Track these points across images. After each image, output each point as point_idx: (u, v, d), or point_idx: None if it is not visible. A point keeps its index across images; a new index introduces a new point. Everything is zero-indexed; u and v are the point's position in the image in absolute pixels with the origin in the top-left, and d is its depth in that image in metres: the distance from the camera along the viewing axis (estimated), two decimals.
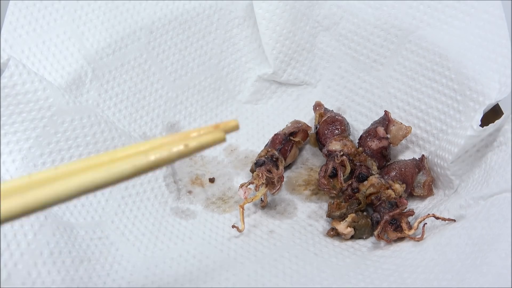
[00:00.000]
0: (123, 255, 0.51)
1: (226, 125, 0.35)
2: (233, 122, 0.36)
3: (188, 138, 0.34)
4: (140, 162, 0.33)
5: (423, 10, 0.61)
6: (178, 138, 0.34)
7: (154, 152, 0.33)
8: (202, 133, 0.35)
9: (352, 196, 0.56)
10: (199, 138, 0.34)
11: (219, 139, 0.35)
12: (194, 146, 0.34)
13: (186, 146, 0.34)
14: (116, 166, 0.33)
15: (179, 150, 0.34)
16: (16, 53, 0.56)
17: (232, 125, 0.36)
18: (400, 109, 0.63)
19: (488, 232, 0.44)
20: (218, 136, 0.35)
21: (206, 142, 0.34)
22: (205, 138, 0.35)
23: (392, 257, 0.49)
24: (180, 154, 0.34)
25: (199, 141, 0.34)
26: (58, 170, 0.32)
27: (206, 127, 0.35)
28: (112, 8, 0.62)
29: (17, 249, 0.44)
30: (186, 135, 0.35)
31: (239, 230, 0.54)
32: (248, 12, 0.70)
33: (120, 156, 0.33)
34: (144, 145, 0.34)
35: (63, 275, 0.46)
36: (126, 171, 0.33)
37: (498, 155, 0.51)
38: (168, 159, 0.34)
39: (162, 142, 0.34)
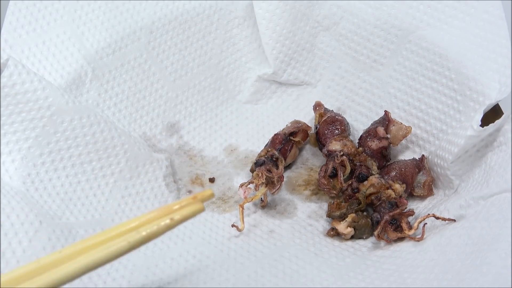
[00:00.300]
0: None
1: (202, 195, 0.41)
2: (208, 191, 0.41)
3: (171, 211, 0.40)
4: (133, 239, 0.39)
5: (423, 10, 0.61)
6: (163, 212, 0.40)
7: (145, 228, 0.39)
8: (184, 204, 0.40)
9: (352, 196, 0.56)
10: (182, 211, 0.40)
11: (199, 210, 0.40)
12: (178, 218, 0.40)
13: (171, 219, 0.39)
14: (113, 244, 0.38)
15: (166, 224, 0.39)
16: (16, 53, 0.56)
17: (208, 195, 0.41)
18: (400, 109, 0.63)
19: (488, 232, 0.44)
20: (198, 208, 0.40)
21: (188, 214, 0.40)
22: (187, 210, 0.40)
23: (392, 257, 0.49)
24: (167, 226, 0.39)
25: (182, 213, 0.40)
26: (62, 253, 0.37)
27: (186, 199, 0.41)
28: (112, 8, 0.62)
29: (13, 257, 0.44)
30: (170, 208, 0.40)
31: (238, 229, 0.54)
32: (248, 12, 0.70)
33: (114, 234, 0.39)
34: (134, 221, 0.40)
35: None
36: (123, 248, 0.38)
37: (498, 155, 0.51)
38: (157, 232, 0.39)
39: (149, 217, 0.40)
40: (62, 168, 0.53)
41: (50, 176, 0.52)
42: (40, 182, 0.51)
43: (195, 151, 0.65)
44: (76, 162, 0.54)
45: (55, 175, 0.52)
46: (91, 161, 0.54)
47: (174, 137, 0.65)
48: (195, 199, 0.41)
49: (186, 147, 0.65)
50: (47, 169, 0.52)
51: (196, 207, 0.40)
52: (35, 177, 0.51)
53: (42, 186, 0.51)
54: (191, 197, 0.41)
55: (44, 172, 0.52)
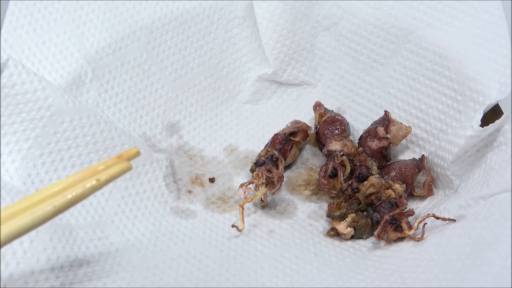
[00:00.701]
0: (123, 256, 0.51)
1: (128, 153, 0.39)
2: (133, 149, 0.40)
3: (97, 172, 0.39)
4: (59, 202, 0.37)
5: (423, 10, 0.61)
6: (87, 174, 0.38)
7: (70, 191, 0.37)
8: (109, 164, 0.38)
9: (352, 196, 0.56)
10: (108, 171, 0.38)
11: (126, 168, 0.39)
12: (105, 179, 0.38)
13: (98, 180, 0.38)
14: (38, 209, 0.36)
15: (92, 185, 0.38)
16: (16, 53, 0.56)
17: (133, 153, 0.39)
18: (400, 109, 0.63)
19: (488, 232, 0.44)
20: (125, 166, 0.39)
21: (115, 173, 0.38)
22: (113, 169, 0.38)
23: (392, 257, 0.49)
24: (94, 188, 0.38)
25: (108, 173, 0.38)
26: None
27: (111, 159, 0.39)
28: (112, 8, 0.62)
29: (13, 258, 0.44)
30: (95, 169, 0.38)
31: (238, 229, 0.54)
32: (248, 12, 0.70)
33: (39, 199, 0.37)
34: (58, 185, 0.38)
35: (62, 280, 0.46)
36: (49, 212, 0.36)
37: (498, 155, 0.51)
38: (83, 195, 0.37)
39: (74, 179, 0.38)
40: (62, 168, 0.53)
41: (50, 177, 0.52)
42: (40, 183, 0.51)
43: (195, 151, 0.65)
44: (76, 163, 0.54)
45: (55, 176, 0.52)
46: (91, 162, 0.54)
47: (174, 137, 0.65)
48: (120, 158, 0.39)
49: (186, 147, 0.65)
50: (47, 169, 0.52)
51: (122, 166, 0.39)
52: (35, 177, 0.51)
53: (42, 186, 0.51)
54: (116, 156, 0.39)
55: (44, 172, 0.52)
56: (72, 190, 0.37)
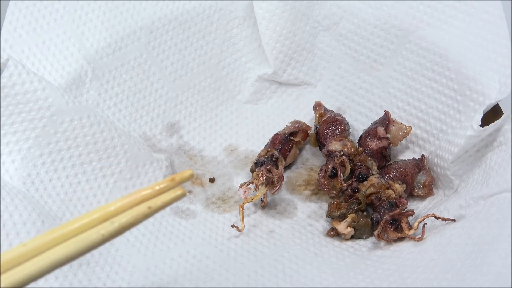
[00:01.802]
0: (123, 256, 0.51)
1: (181, 176, 0.36)
2: (187, 171, 0.36)
3: (148, 197, 0.35)
4: (107, 230, 0.33)
5: (423, 10, 0.61)
6: (140, 199, 0.34)
7: (119, 218, 0.33)
8: (162, 188, 0.35)
9: (352, 196, 0.56)
10: (161, 197, 0.35)
11: (180, 195, 0.35)
12: (157, 206, 0.34)
13: (149, 208, 0.34)
14: (85, 237, 0.33)
15: (144, 213, 0.34)
16: (16, 53, 0.56)
17: (187, 176, 0.36)
18: (400, 109, 0.63)
19: (488, 232, 0.44)
20: (179, 193, 0.35)
21: (168, 200, 0.35)
22: (166, 196, 0.35)
23: (392, 257, 0.49)
24: (145, 216, 0.34)
25: (161, 200, 0.35)
26: (27, 246, 0.32)
27: (163, 181, 0.35)
28: (112, 8, 0.62)
29: None
30: (146, 195, 0.35)
31: (239, 229, 0.54)
32: (248, 12, 0.70)
33: (85, 224, 0.33)
34: (107, 208, 0.34)
35: (61, 280, 0.45)
36: (96, 241, 0.33)
37: (498, 155, 0.51)
38: (134, 223, 0.34)
39: (124, 204, 0.34)
40: (62, 168, 0.53)
41: (50, 177, 0.52)
42: (40, 183, 0.51)
43: (195, 151, 0.65)
44: (76, 163, 0.54)
45: (55, 176, 0.52)
46: (91, 162, 0.54)
47: (174, 137, 0.65)
48: (173, 182, 0.35)
49: (186, 147, 0.65)
50: (47, 169, 0.52)
51: (176, 192, 0.35)
52: (35, 177, 0.51)
53: (42, 186, 0.51)
54: (169, 179, 0.35)
55: (44, 172, 0.52)
56: (122, 217, 0.34)
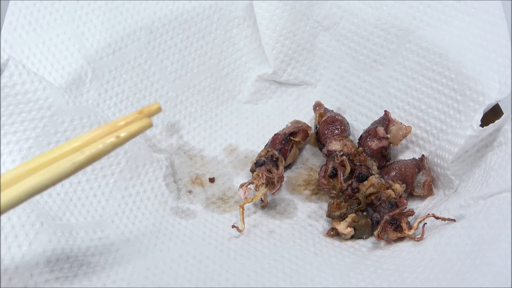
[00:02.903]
0: (123, 256, 0.51)
1: (149, 109, 0.38)
2: (155, 105, 0.38)
3: (116, 128, 0.37)
4: (78, 159, 0.36)
5: (423, 10, 0.61)
6: (107, 130, 0.37)
7: (89, 148, 0.36)
8: (129, 120, 0.37)
9: (352, 196, 0.56)
10: (128, 128, 0.37)
11: (147, 125, 0.37)
12: (124, 136, 0.37)
13: (117, 137, 0.37)
14: (58, 166, 0.36)
15: (112, 142, 0.37)
16: (16, 53, 0.56)
17: (155, 108, 0.38)
18: (400, 109, 0.63)
19: (488, 232, 0.44)
20: (146, 123, 0.37)
21: (135, 130, 0.37)
22: (134, 126, 0.37)
23: (392, 257, 0.49)
24: (113, 145, 0.37)
25: (129, 130, 0.37)
26: (3, 177, 0.34)
27: (131, 114, 0.37)
28: (112, 8, 0.62)
29: (12, 262, 0.43)
30: (114, 124, 0.37)
31: (239, 230, 0.54)
32: (248, 12, 0.70)
33: (57, 155, 0.36)
34: (77, 141, 0.37)
35: (62, 281, 0.45)
36: (68, 169, 0.36)
37: (498, 155, 0.51)
38: (103, 152, 0.36)
39: (93, 136, 0.37)
40: None
41: None
42: None
43: (195, 151, 0.65)
44: None
45: None
46: None
47: (174, 137, 0.66)
48: (141, 114, 0.37)
49: (186, 147, 0.65)
50: None
51: (143, 122, 0.37)
52: None
53: None
54: (137, 112, 0.38)
55: None
56: (92, 147, 0.36)
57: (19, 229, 0.45)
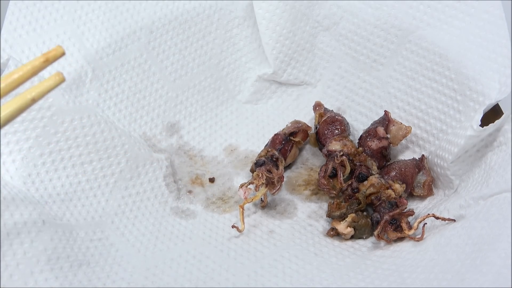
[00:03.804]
0: (123, 256, 0.51)
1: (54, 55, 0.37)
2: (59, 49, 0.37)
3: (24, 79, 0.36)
4: None
5: (423, 10, 0.61)
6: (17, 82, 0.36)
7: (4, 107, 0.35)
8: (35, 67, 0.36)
9: (352, 196, 0.56)
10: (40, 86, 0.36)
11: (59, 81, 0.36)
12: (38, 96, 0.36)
13: (33, 100, 0.35)
14: None
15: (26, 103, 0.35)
16: (16, 53, 0.56)
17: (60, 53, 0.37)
18: (400, 109, 0.63)
19: (488, 232, 0.44)
20: (58, 79, 0.36)
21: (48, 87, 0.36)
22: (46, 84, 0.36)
23: (392, 257, 0.49)
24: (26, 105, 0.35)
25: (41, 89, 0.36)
26: None
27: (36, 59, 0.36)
28: (112, 8, 0.62)
29: (13, 259, 0.43)
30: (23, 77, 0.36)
31: (239, 230, 0.54)
32: (248, 12, 0.70)
33: None
34: None
35: (61, 280, 0.45)
36: None
37: (498, 155, 0.51)
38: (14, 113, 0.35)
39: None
40: (63, 168, 0.53)
41: (51, 177, 0.52)
42: (40, 183, 0.51)
43: (195, 151, 0.65)
44: (77, 162, 0.54)
45: (55, 176, 0.52)
46: (92, 161, 0.54)
47: (174, 137, 0.66)
48: (47, 62, 0.36)
49: (186, 147, 0.65)
50: (48, 169, 0.52)
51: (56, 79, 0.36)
52: (36, 177, 0.51)
53: (42, 186, 0.51)
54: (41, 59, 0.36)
55: (45, 172, 0.52)
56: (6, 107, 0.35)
57: (21, 226, 0.45)
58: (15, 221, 0.45)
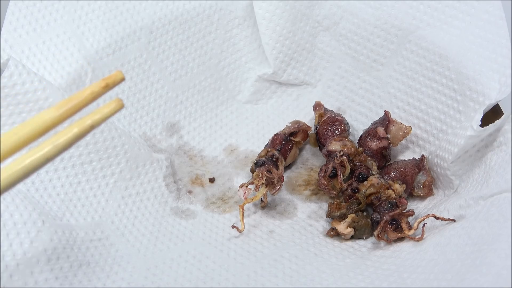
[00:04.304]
0: (123, 256, 0.51)
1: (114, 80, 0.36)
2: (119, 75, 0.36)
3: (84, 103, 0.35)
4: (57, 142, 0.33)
5: (423, 10, 0.61)
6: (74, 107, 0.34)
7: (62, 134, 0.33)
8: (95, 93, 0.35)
9: (352, 196, 0.56)
10: (100, 110, 0.35)
11: (118, 107, 0.35)
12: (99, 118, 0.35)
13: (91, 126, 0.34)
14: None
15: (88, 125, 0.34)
16: (16, 53, 0.56)
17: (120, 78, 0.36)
18: (400, 109, 0.63)
19: (488, 232, 0.44)
20: (118, 105, 0.35)
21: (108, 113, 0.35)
22: (106, 109, 0.35)
23: (392, 257, 0.49)
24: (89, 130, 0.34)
25: (102, 113, 0.35)
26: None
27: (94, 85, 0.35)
28: (112, 8, 0.62)
29: (13, 259, 0.43)
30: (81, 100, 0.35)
31: (239, 230, 0.54)
32: (248, 12, 0.70)
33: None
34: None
35: (61, 281, 0.45)
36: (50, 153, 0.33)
37: (498, 155, 0.51)
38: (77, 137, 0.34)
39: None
40: (62, 168, 0.53)
41: (50, 177, 0.52)
42: (40, 183, 0.51)
43: (195, 151, 0.65)
44: (76, 162, 0.54)
45: (55, 175, 0.52)
46: (91, 161, 0.54)
47: (174, 137, 0.66)
48: (107, 88, 0.35)
49: (186, 147, 0.65)
50: (47, 169, 0.52)
51: (115, 104, 0.35)
52: (35, 177, 0.51)
53: (42, 186, 0.51)
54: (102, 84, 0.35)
55: (44, 172, 0.52)
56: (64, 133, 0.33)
57: (21, 227, 0.45)
58: (15, 221, 0.45)
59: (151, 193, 0.58)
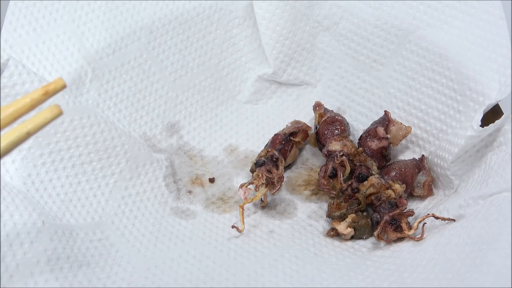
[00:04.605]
0: (123, 257, 0.51)
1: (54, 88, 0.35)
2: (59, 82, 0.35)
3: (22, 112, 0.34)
4: None
5: (423, 10, 0.61)
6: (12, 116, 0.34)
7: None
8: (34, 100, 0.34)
9: (352, 196, 0.56)
10: (36, 118, 0.34)
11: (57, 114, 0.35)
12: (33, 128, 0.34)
13: (28, 134, 0.34)
14: None
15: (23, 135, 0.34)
16: (16, 53, 0.56)
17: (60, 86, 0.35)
18: (400, 109, 0.63)
19: (488, 231, 0.44)
20: (56, 112, 0.35)
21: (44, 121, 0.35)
22: (42, 116, 0.34)
23: (392, 257, 0.49)
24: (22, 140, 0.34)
25: (36, 122, 0.34)
26: None
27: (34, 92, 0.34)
28: (112, 8, 0.62)
29: (13, 260, 0.43)
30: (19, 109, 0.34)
31: (239, 230, 0.54)
32: (248, 12, 0.70)
33: None
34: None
35: (61, 281, 0.45)
36: None
37: (498, 155, 0.51)
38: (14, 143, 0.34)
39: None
40: (62, 168, 0.53)
41: (51, 177, 0.52)
42: (40, 183, 0.51)
43: (195, 151, 0.65)
44: (77, 163, 0.54)
45: (55, 176, 0.52)
46: (91, 162, 0.54)
47: (174, 137, 0.66)
48: (47, 95, 0.35)
49: (186, 147, 0.65)
50: (48, 169, 0.52)
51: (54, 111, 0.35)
52: (36, 177, 0.51)
53: (42, 186, 0.51)
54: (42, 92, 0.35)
55: (45, 172, 0.52)
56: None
57: (21, 227, 0.45)
58: (15, 221, 0.45)
59: (151, 193, 0.58)
